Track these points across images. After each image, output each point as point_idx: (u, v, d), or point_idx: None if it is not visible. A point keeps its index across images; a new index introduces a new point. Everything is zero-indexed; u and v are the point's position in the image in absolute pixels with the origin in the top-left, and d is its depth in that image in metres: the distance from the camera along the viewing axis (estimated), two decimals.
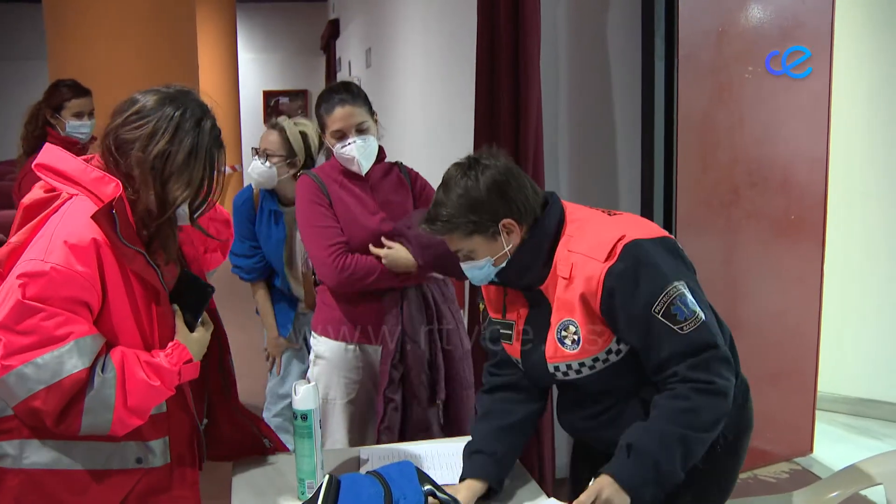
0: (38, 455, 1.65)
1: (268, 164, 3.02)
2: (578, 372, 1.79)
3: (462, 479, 1.87)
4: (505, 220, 1.76)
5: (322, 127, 2.55)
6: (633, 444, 1.67)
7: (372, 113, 2.57)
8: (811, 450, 3.71)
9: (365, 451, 2.12)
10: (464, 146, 3.66)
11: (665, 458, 1.64)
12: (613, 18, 3.35)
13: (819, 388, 3.71)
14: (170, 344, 1.72)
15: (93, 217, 1.58)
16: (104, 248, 1.60)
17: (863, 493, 2.10)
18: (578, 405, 1.91)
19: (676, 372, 1.68)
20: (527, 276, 1.82)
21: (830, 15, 3.44)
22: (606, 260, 1.69)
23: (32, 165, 1.71)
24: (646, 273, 1.67)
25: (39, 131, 3.55)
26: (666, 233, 1.81)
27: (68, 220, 1.61)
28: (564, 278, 1.76)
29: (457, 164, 1.81)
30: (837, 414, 4.18)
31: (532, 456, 3.18)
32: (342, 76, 11.15)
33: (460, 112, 4.13)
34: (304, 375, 3.33)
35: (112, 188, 1.64)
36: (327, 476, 1.67)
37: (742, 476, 3.49)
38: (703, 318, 1.68)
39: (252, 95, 13.78)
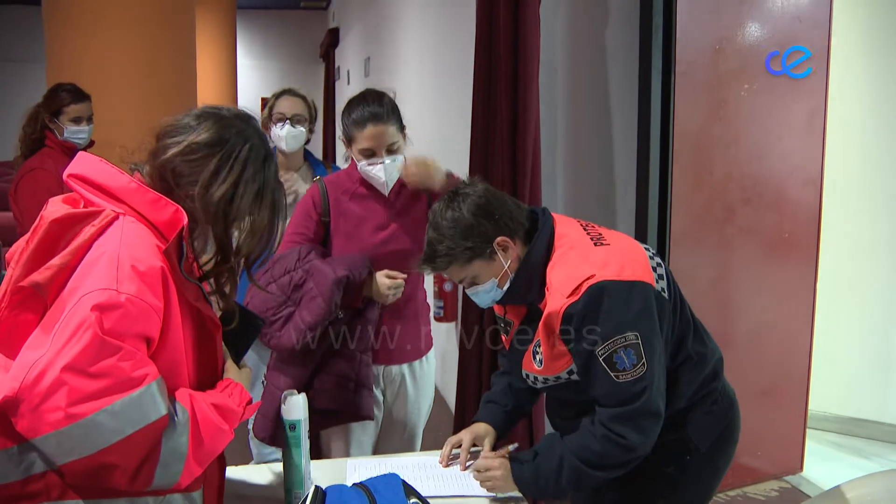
0: None
1: (299, 127, 3.15)
2: (545, 383, 1.93)
3: (474, 421, 2.14)
4: (498, 239, 1.85)
5: (348, 138, 2.45)
6: (539, 453, 1.88)
7: (402, 128, 2.47)
8: (801, 468, 3.71)
9: (352, 463, 2.12)
10: (461, 157, 3.67)
11: (553, 478, 1.83)
12: (611, 33, 3.37)
13: (810, 406, 3.71)
14: (226, 383, 1.58)
15: (164, 251, 1.43)
16: (169, 278, 1.43)
17: None
18: (560, 405, 2.04)
19: (600, 413, 1.81)
20: (528, 297, 1.92)
21: (827, 33, 3.46)
22: (570, 296, 1.76)
23: (65, 176, 1.51)
24: (600, 316, 1.74)
25: (37, 134, 3.56)
26: (645, 275, 1.80)
27: (130, 244, 1.41)
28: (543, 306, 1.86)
29: (440, 201, 1.91)
30: (828, 433, 4.19)
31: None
32: (341, 85, 11.19)
33: (458, 123, 4.14)
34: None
35: (171, 213, 1.46)
36: (313, 487, 1.66)
37: (731, 493, 3.50)
38: (643, 372, 1.74)
39: (250, 102, 13.79)
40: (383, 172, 2.42)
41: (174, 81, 4.87)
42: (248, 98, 13.50)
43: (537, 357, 1.89)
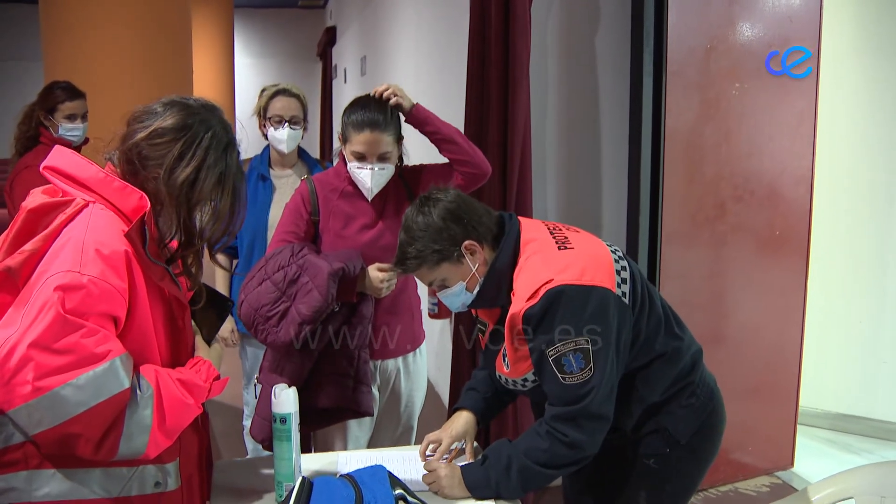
0: (50, 486, 1.52)
1: (297, 128, 3.13)
2: (514, 385, 1.99)
3: (455, 409, 2.17)
4: (466, 242, 1.91)
5: (344, 136, 2.47)
6: (488, 456, 1.93)
7: (399, 137, 2.49)
8: (792, 464, 3.74)
9: (343, 456, 2.14)
10: None
11: (503, 480, 1.87)
12: (602, 34, 3.39)
13: (800, 402, 3.74)
14: (195, 361, 1.67)
15: (126, 235, 1.51)
16: (133, 261, 1.52)
17: None
18: (537, 407, 2.06)
19: (547, 411, 1.88)
20: (498, 301, 1.96)
21: (818, 33, 3.48)
22: (529, 300, 1.82)
23: (41, 168, 1.60)
24: (554, 320, 1.79)
25: (32, 132, 3.57)
26: (606, 280, 1.84)
27: (96, 229, 1.50)
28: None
29: (411, 206, 1.96)
30: (818, 429, 4.22)
31: None
32: (338, 83, 11.20)
33: (452, 122, 4.16)
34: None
35: (137, 201, 1.56)
36: (300, 478, 1.69)
37: (722, 489, 3.53)
38: (589, 377, 1.79)
39: (248, 100, 13.78)
40: (370, 179, 2.43)
41: (170, 79, 4.88)
42: (246, 96, 13.46)
43: (506, 360, 1.95)
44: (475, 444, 2.15)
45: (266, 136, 3.16)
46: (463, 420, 2.13)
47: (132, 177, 1.59)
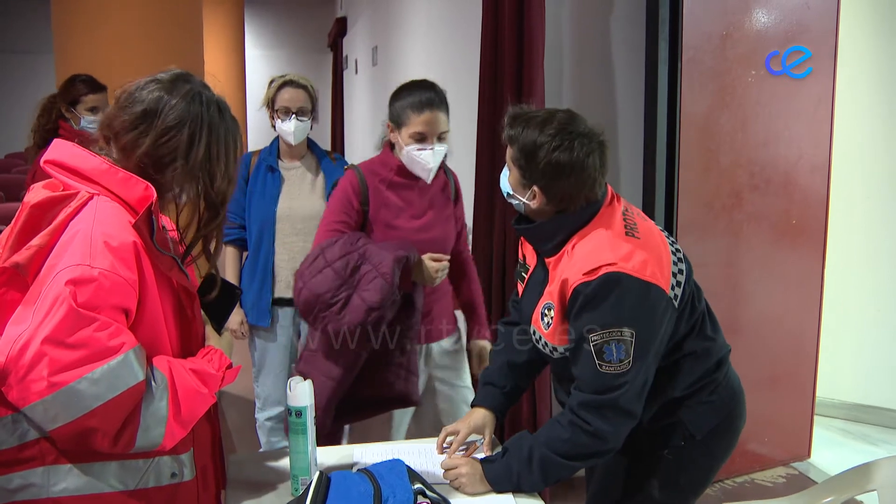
0: (67, 481, 1.50)
1: (304, 119, 3.10)
2: (544, 347, 1.95)
3: (473, 405, 2.16)
4: (535, 188, 1.86)
5: (398, 121, 2.46)
6: (509, 449, 1.90)
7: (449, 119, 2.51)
8: (808, 454, 3.72)
9: (359, 449, 2.13)
10: (468, 146, 3.67)
11: (524, 472, 1.85)
12: (617, 21, 3.36)
13: (817, 392, 3.71)
14: (206, 350, 1.68)
15: (134, 225, 1.50)
16: (142, 252, 1.51)
17: (858, 498, 2.11)
18: (561, 379, 2.04)
19: (572, 398, 1.85)
20: (541, 245, 1.93)
21: (835, 19, 3.44)
22: (586, 274, 1.77)
23: (41, 162, 1.58)
24: (605, 304, 1.76)
25: (52, 124, 3.57)
26: (663, 280, 1.81)
27: (102, 222, 1.49)
28: (557, 270, 1.88)
29: (567, 119, 1.85)
30: (835, 419, 4.19)
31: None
32: (349, 74, 11.18)
33: (465, 112, 4.14)
34: (287, 370, 3.26)
35: (142, 191, 1.54)
36: (317, 473, 1.67)
37: (738, 480, 3.51)
38: (627, 370, 1.77)
39: (259, 91, 13.78)
40: (432, 158, 2.44)
41: (181, 69, 4.88)
42: (257, 87, 13.49)
43: (545, 319, 1.91)
44: (492, 436, 2.14)
45: (275, 128, 3.15)
46: (481, 414, 2.12)
47: (159, 177, 1.58)
